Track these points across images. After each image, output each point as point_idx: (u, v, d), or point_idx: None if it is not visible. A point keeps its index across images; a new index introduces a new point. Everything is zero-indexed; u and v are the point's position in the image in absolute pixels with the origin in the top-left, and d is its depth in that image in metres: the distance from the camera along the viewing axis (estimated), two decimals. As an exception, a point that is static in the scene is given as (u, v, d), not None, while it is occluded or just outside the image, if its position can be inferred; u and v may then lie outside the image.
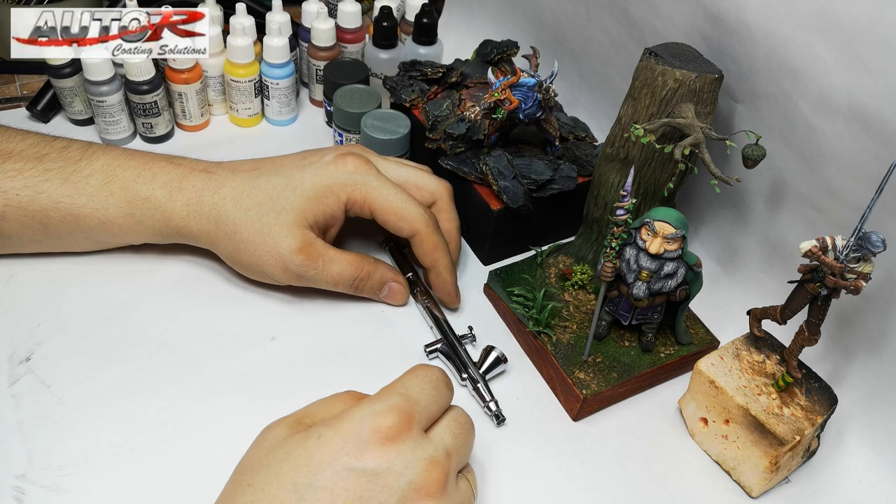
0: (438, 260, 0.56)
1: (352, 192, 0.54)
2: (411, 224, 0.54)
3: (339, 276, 0.55)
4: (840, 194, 0.52)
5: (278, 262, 0.54)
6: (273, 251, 0.53)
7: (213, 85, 0.74)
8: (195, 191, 0.55)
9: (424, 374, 0.42)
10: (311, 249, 0.54)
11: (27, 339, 0.53)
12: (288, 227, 0.53)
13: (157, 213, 0.55)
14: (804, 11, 0.50)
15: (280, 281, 0.56)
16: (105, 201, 0.54)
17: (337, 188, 0.54)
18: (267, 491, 0.36)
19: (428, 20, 0.75)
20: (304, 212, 0.53)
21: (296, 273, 0.54)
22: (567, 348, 0.55)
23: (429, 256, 0.56)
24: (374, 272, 0.57)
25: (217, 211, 0.54)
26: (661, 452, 0.52)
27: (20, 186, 0.53)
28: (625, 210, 0.47)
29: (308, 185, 0.54)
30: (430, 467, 0.37)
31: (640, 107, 0.53)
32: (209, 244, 0.56)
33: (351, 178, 0.54)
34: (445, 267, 0.56)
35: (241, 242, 0.54)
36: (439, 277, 0.57)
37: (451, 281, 0.57)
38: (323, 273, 0.55)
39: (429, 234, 0.55)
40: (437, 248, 0.56)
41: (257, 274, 0.56)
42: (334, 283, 0.56)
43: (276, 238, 0.53)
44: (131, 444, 0.47)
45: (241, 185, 0.55)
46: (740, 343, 0.52)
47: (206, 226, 0.55)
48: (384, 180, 0.55)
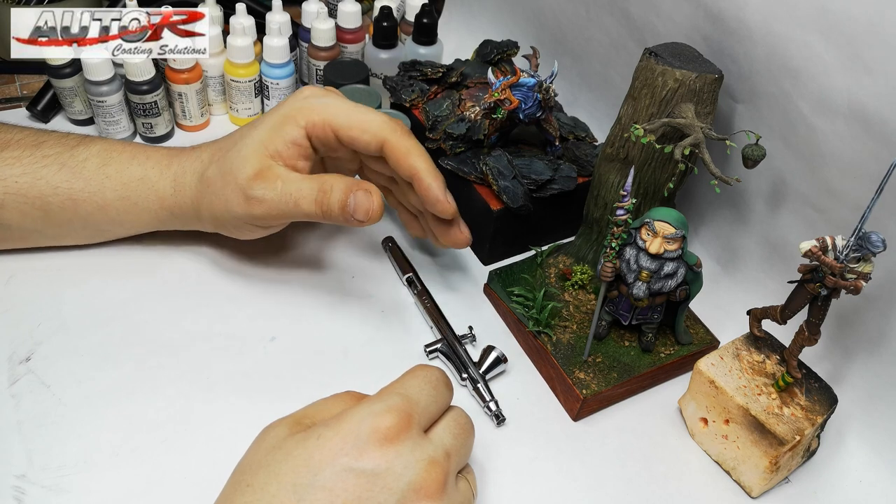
0: (416, 165, 0.52)
1: (308, 114, 0.52)
2: (376, 134, 0.52)
3: (298, 192, 0.51)
4: (840, 194, 0.52)
5: (240, 195, 0.52)
6: (234, 184, 0.52)
7: (213, 85, 0.74)
8: (180, 164, 0.55)
9: (424, 375, 0.42)
10: (269, 172, 0.52)
11: (27, 339, 0.53)
12: (245, 158, 0.52)
13: (151, 194, 0.55)
14: (804, 11, 0.50)
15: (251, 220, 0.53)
16: (101, 184, 0.54)
17: (293, 113, 0.52)
18: (266, 491, 0.36)
19: (428, 20, 0.75)
20: (264, 142, 0.52)
21: (256, 199, 0.51)
22: (567, 348, 0.55)
23: (404, 163, 0.52)
24: (338, 182, 0.52)
25: (196, 175, 0.55)
26: (661, 452, 0.52)
27: (19, 173, 0.53)
28: (625, 210, 0.47)
29: (266, 118, 0.53)
30: (429, 468, 0.37)
31: (640, 107, 0.53)
32: (196, 214, 0.55)
33: (307, 103, 0.53)
34: (426, 171, 0.52)
35: (212, 192, 0.53)
36: (422, 183, 0.52)
37: (437, 185, 0.52)
38: (282, 193, 0.51)
39: (399, 139, 0.52)
40: (412, 151, 0.52)
41: (232, 224, 0.54)
42: (295, 202, 0.51)
43: (236, 170, 0.52)
44: (131, 444, 0.47)
45: (217, 144, 0.55)
46: (740, 343, 0.52)
47: (189, 194, 0.55)
48: (342, 100, 0.53)
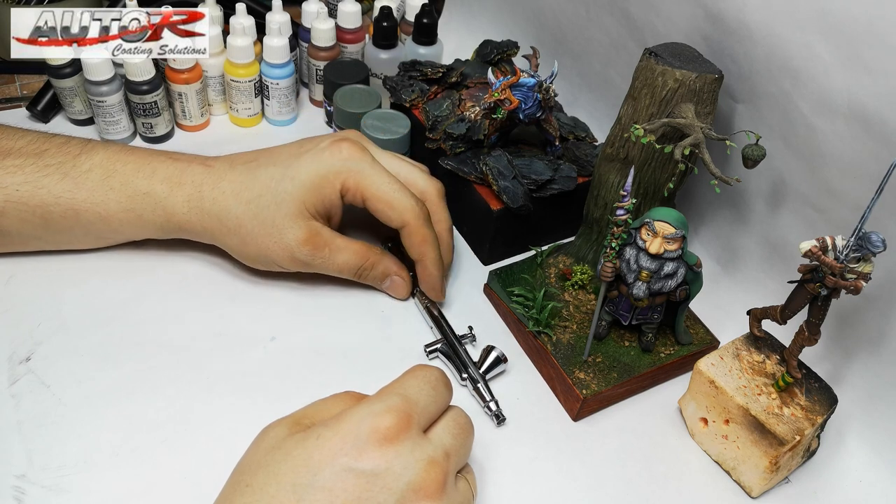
0: (426, 253, 0.56)
1: (346, 178, 0.54)
2: (401, 215, 0.54)
3: (344, 264, 0.56)
4: (840, 194, 0.52)
5: (286, 253, 0.54)
6: (280, 242, 0.54)
7: (213, 85, 0.74)
8: (195, 186, 0.55)
9: (423, 375, 0.42)
10: (318, 239, 0.55)
11: (27, 339, 0.53)
12: (292, 219, 0.54)
13: (158, 209, 0.55)
14: (804, 12, 0.49)
15: (287, 269, 0.57)
16: (105, 196, 0.54)
17: (332, 176, 0.54)
18: (266, 491, 0.36)
19: (428, 20, 0.75)
20: (304, 202, 0.54)
21: (303, 262, 0.55)
22: (567, 348, 0.55)
23: (417, 249, 0.56)
24: (379, 263, 0.58)
25: (217, 206, 0.54)
26: (661, 452, 0.52)
27: (20, 182, 0.53)
28: (625, 210, 0.47)
29: (304, 174, 0.54)
30: (428, 468, 0.37)
31: (640, 107, 0.53)
32: (212, 239, 0.56)
33: (345, 165, 0.54)
34: (432, 261, 0.56)
35: (246, 236, 0.54)
36: (426, 271, 0.57)
37: (437, 275, 0.57)
38: (329, 261, 0.56)
39: (418, 227, 0.55)
40: (426, 241, 0.55)
41: (263, 264, 0.57)
42: (339, 271, 0.57)
43: (282, 230, 0.54)
44: (131, 444, 0.47)
45: (240, 177, 0.55)
46: (740, 343, 0.52)
47: (208, 221, 0.55)
48: (378, 168, 0.55)
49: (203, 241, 0.57)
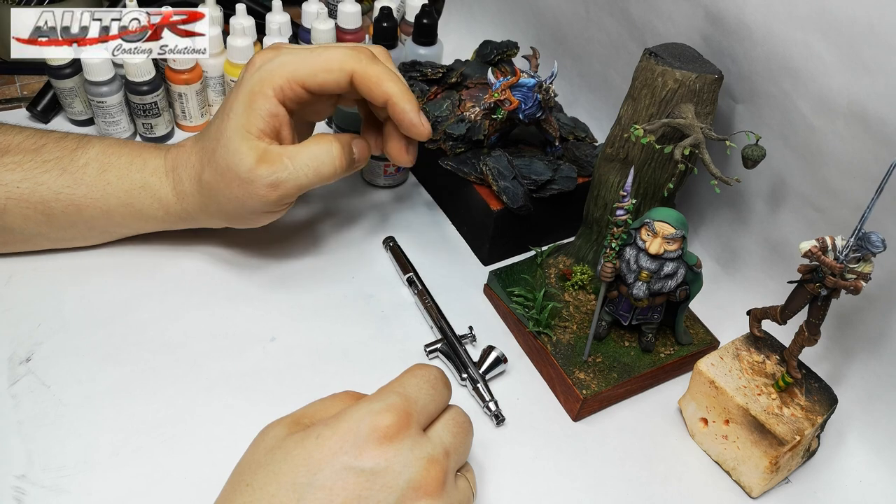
0: (388, 89, 0.51)
1: (271, 81, 0.50)
2: (342, 68, 0.50)
3: (314, 160, 0.51)
4: (840, 194, 0.52)
5: (249, 188, 0.51)
6: (239, 180, 0.51)
7: (213, 85, 0.74)
8: (175, 171, 0.55)
9: (422, 374, 0.42)
10: (268, 155, 0.51)
11: (27, 339, 0.53)
12: (236, 150, 0.50)
13: (155, 202, 0.55)
14: (804, 11, 0.50)
15: (269, 207, 0.53)
16: (104, 191, 0.54)
17: (257, 87, 0.51)
18: (266, 491, 0.36)
19: (428, 20, 0.75)
20: (243, 127, 0.51)
21: (270, 184, 0.51)
22: (567, 348, 0.55)
23: (377, 91, 0.50)
24: (341, 139, 0.53)
25: (193, 181, 0.54)
26: (661, 452, 0.52)
27: (20, 179, 0.53)
28: (625, 210, 0.47)
29: (235, 103, 0.52)
30: (428, 466, 0.37)
31: (640, 107, 0.53)
32: (207, 215, 0.56)
33: (264, 71, 0.51)
34: (399, 95, 0.51)
35: (218, 195, 0.53)
36: (396, 108, 0.51)
37: (412, 108, 0.51)
38: (296, 168, 0.51)
39: (365, 68, 0.50)
40: (382, 77, 0.50)
41: (247, 215, 0.54)
42: (316, 172, 0.52)
43: (234, 167, 0.51)
44: (131, 444, 0.47)
45: (201, 143, 0.54)
46: (740, 343, 0.52)
47: (194, 200, 0.55)
48: (296, 51, 0.51)
49: (204, 224, 0.57)
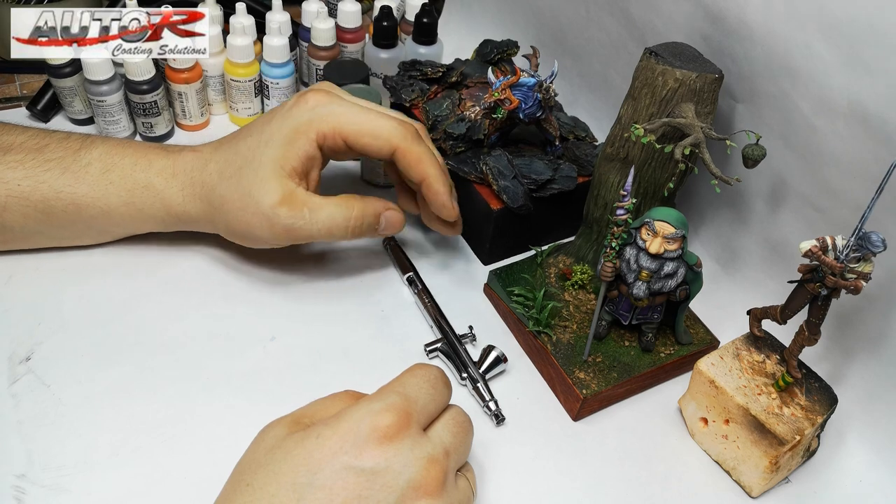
0: (426, 171, 0.53)
1: (318, 125, 0.52)
2: (388, 140, 0.52)
3: (329, 220, 0.53)
4: (840, 194, 0.52)
5: (264, 221, 0.52)
6: (257, 211, 0.51)
7: (213, 84, 0.74)
8: (186, 174, 0.55)
9: (422, 373, 0.42)
10: (293, 199, 0.51)
11: (27, 338, 0.53)
12: (265, 182, 0.51)
13: (157, 202, 0.55)
14: (804, 11, 0.50)
15: (274, 242, 0.54)
16: (106, 190, 0.54)
17: (304, 127, 0.52)
18: (266, 490, 0.36)
19: (428, 20, 0.75)
20: (278, 161, 0.51)
21: (284, 227, 0.52)
22: (567, 348, 0.55)
23: (415, 170, 0.52)
24: (366, 207, 0.54)
25: (206, 189, 0.54)
26: (661, 452, 0.52)
27: (21, 177, 0.53)
28: (625, 210, 0.47)
29: (276, 133, 0.52)
30: (428, 466, 0.37)
31: (640, 107, 0.53)
32: (210, 225, 0.56)
33: (315, 113, 0.52)
34: (436, 177, 0.53)
35: (230, 213, 0.53)
36: (431, 190, 0.53)
37: (445, 192, 0.54)
38: (312, 222, 0.52)
39: (410, 146, 0.52)
40: (422, 158, 0.52)
41: (251, 240, 0.55)
42: (328, 231, 0.53)
43: (257, 196, 0.51)
44: (131, 444, 0.47)
45: (223, 155, 0.54)
46: (740, 343, 0.52)
47: (201, 207, 0.55)
48: (349, 105, 0.53)
49: (202, 229, 0.57)
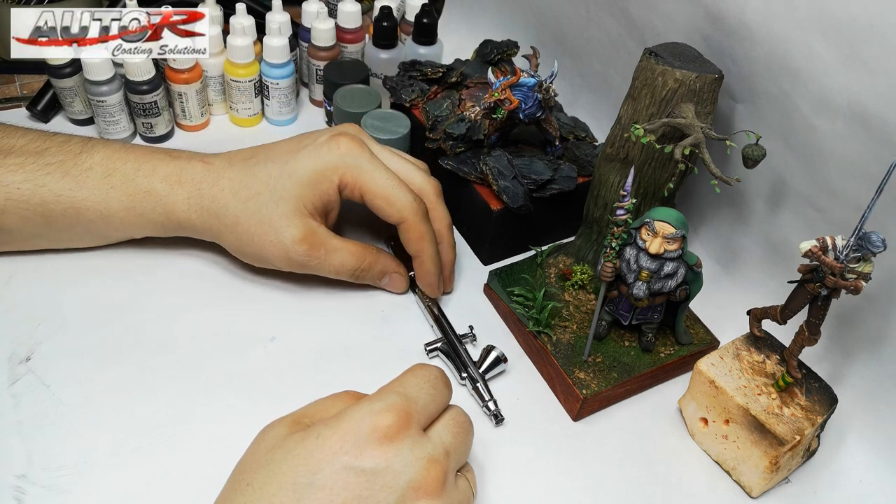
0: (423, 249, 0.56)
1: (343, 173, 0.54)
2: (399, 211, 0.54)
3: (340, 265, 0.56)
4: (840, 194, 0.52)
5: (281, 252, 0.54)
6: (276, 241, 0.54)
7: (213, 85, 0.74)
8: (194, 184, 0.55)
9: (423, 373, 0.42)
10: (314, 239, 0.54)
11: (27, 339, 0.53)
12: (288, 217, 0.53)
13: (159, 207, 0.55)
14: (804, 11, 0.50)
15: (282, 268, 0.56)
16: (106, 194, 0.54)
17: (329, 171, 0.54)
18: (266, 490, 0.36)
19: (428, 20, 0.75)
20: (302, 199, 0.54)
21: (298, 262, 0.55)
22: (567, 348, 0.55)
23: (414, 245, 0.56)
24: (376, 263, 0.58)
25: (217, 203, 0.54)
26: (661, 452, 0.52)
27: (21, 180, 0.53)
28: (625, 210, 0.47)
29: (302, 170, 0.54)
30: (428, 466, 0.37)
31: (640, 107, 0.53)
32: (212, 237, 0.57)
33: (343, 161, 0.54)
34: (429, 257, 0.56)
35: (243, 234, 0.54)
36: (422, 267, 0.57)
37: (434, 272, 0.57)
38: (325, 262, 0.55)
39: (416, 223, 0.55)
40: (423, 237, 0.55)
41: (260, 262, 0.57)
42: (336, 272, 0.57)
43: (279, 229, 0.53)
44: (131, 444, 0.47)
45: (238, 175, 0.55)
46: (740, 343, 0.52)
47: (207, 219, 0.55)
48: (376, 164, 0.55)
49: (203, 238, 0.57)
